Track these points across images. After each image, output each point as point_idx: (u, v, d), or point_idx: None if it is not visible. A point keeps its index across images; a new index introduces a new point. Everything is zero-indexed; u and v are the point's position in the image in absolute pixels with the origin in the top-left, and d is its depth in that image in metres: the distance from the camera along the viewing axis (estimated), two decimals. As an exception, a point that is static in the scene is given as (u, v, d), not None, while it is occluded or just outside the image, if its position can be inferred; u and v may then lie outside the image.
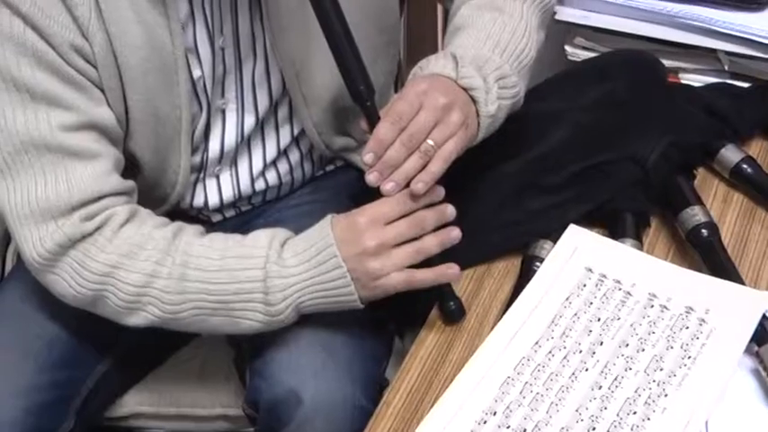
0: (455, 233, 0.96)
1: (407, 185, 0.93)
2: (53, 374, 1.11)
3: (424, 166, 0.93)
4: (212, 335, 1.20)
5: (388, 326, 1.18)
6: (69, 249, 0.98)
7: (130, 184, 1.05)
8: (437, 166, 0.93)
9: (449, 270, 0.97)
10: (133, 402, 1.23)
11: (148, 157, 1.10)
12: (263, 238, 0.99)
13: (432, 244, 0.95)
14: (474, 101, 0.98)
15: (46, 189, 0.98)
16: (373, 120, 0.97)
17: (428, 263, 0.96)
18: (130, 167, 1.09)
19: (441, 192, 0.96)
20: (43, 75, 0.97)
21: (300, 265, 0.96)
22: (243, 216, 1.27)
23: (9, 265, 1.32)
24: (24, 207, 0.98)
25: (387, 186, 0.93)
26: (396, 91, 1.34)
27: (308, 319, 1.01)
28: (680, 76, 1.32)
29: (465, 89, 0.98)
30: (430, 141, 0.93)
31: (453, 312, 0.99)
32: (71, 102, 0.99)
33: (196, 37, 1.06)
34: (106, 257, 0.97)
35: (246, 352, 1.12)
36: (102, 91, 1.02)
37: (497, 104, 1.00)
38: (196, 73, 1.07)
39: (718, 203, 1.08)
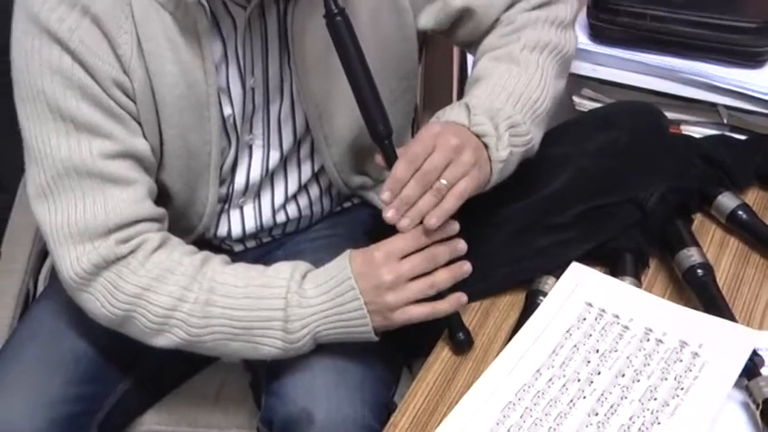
0: (466, 267, 0.98)
1: (422, 222, 0.95)
2: (79, 388, 1.13)
3: (436, 204, 0.95)
4: (231, 359, 1.22)
5: (397, 356, 1.18)
6: (104, 270, 1.00)
7: (162, 211, 1.07)
8: (450, 204, 0.95)
9: (461, 299, 0.99)
10: (152, 421, 1.24)
11: (179, 187, 1.12)
12: (285, 270, 1.01)
13: (444, 278, 0.97)
14: (486, 146, 1.00)
15: (85, 212, 1.00)
16: (390, 158, 0.98)
17: (439, 293, 0.98)
18: (162, 197, 1.11)
19: (455, 227, 0.97)
20: (87, 106, 1.00)
21: (320, 296, 0.98)
22: (263, 247, 1.28)
23: (41, 285, 1.34)
24: (64, 228, 1.00)
25: (403, 223, 0.95)
26: (412, 132, 1.36)
27: (323, 346, 1.02)
28: (681, 127, 1.33)
29: (477, 135, 1.00)
30: (443, 180, 0.95)
31: (462, 343, 1.00)
32: (111, 132, 1.01)
33: (228, 77, 1.08)
34: (138, 280, 1.00)
35: (262, 375, 1.13)
36: (140, 123, 1.05)
37: (509, 150, 1.01)
38: (227, 110, 1.10)
39: (714, 247, 1.09)
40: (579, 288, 1.01)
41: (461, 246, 0.98)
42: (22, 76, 1.00)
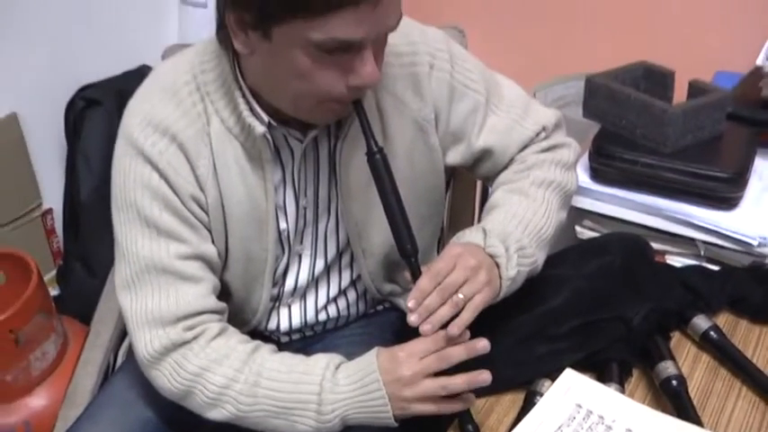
0: (485, 376, 0.96)
1: (441, 327, 0.95)
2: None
3: (453, 313, 0.96)
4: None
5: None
6: (171, 352, 1.03)
7: (223, 305, 1.09)
8: (468, 315, 0.96)
9: (469, 398, 0.98)
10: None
11: (238, 286, 1.14)
12: (322, 360, 1.02)
13: (459, 383, 0.96)
14: (497, 265, 1.02)
15: (160, 302, 1.03)
16: (416, 273, 0.99)
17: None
18: (223, 293, 1.13)
19: (466, 335, 0.97)
20: (168, 215, 1.04)
21: (349, 385, 0.98)
22: (305, 340, 1.28)
23: (120, 359, 1.36)
24: (141, 314, 1.04)
25: (424, 327, 0.95)
26: (438, 250, 1.37)
27: (351, 427, 1.01)
28: (665, 257, 1.34)
29: (491, 256, 1.02)
30: (460, 294, 0.96)
31: None
32: (186, 237, 1.05)
33: (285, 197, 1.11)
34: (199, 362, 1.02)
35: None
36: (210, 231, 1.08)
37: (517, 270, 1.03)
38: (282, 225, 1.12)
39: (689, 362, 1.09)
40: (571, 391, 1.00)
41: (481, 345, 0.96)
42: (119, 189, 1.05)
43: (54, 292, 2.10)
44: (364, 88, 0.97)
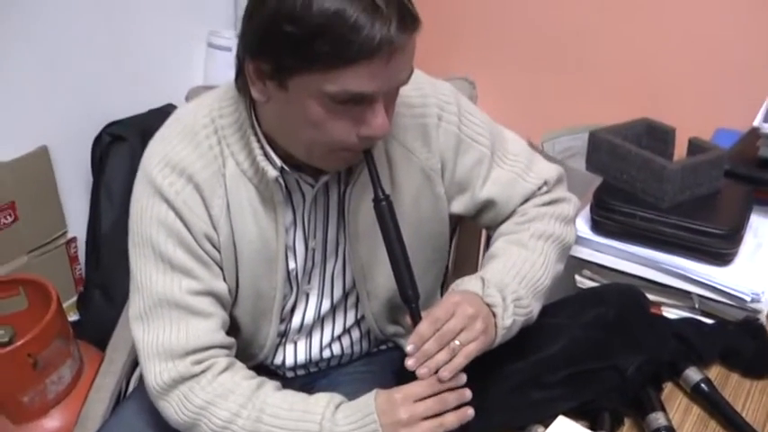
0: (470, 412, 0.98)
1: (436, 372, 0.96)
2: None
3: (450, 359, 0.96)
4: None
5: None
6: (179, 384, 1.03)
7: (231, 340, 1.09)
8: (460, 361, 0.96)
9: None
10: None
11: (247, 321, 1.14)
12: (322, 400, 1.01)
13: (452, 420, 0.97)
14: (494, 314, 1.02)
15: (171, 336, 1.03)
16: (416, 318, 1.00)
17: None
18: (232, 329, 1.13)
19: (463, 378, 0.98)
20: (182, 252, 1.04)
21: (347, 425, 0.98)
22: (309, 376, 1.28)
23: (132, 385, 1.36)
24: (152, 346, 1.04)
25: (421, 371, 0.96)
26: (441, 294, 1.37)
27: None
28: (661, 308, 1.32)
29: (488, 305, 1.02)
30: (457, 341, 0.97)
31: None
32: (198, 274, 1.05)
33: (295, 238, 1.12)
34: (205, 395, 1.02)
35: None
36: (221, 269, 1.08)
37: (512, 319, 1.03)
38: (291, 264, 1.13)
39: (680, 413, 1.08)
40: (563, 437, 1.00)
41: (468, 394, 0.98)
42: (136, 225, 1.06)
43: (74, 317, 2.11)
44: (375, 139, 0.98)
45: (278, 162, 1.04)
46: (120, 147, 2.05)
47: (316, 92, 0.91)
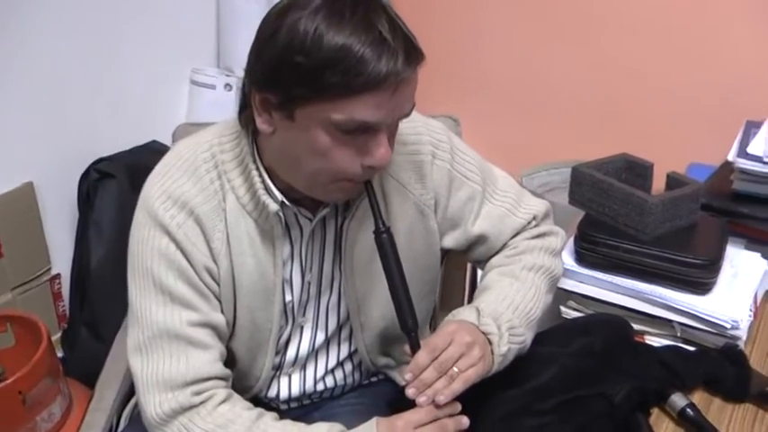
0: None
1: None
2: None
3: (448, 386, 0.97)
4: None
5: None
6: (179, 415, 1.02)
7: (229, 372, 1.09)
8: (457, 386, 0.98)
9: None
10: None
11: (243, 353, 1.15)
12: (322, 429, 1.02)
13: None
14: (490, 342, 1.04)
15: (171, 367, 1.03)
16: (415, 347, 1.01)
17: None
18: (228, 361, 1.12)
19: (457, 407, 0.99)
20: (182, 284, 1.05)
21: None
22: (303, 408, 1.28)
23: (123, 423, 1.33)
24: (152, 378, 1.03)
25: (420, 399, 0.97)
26: (430, 327, 1.39)
27: None
28: (645, 337, 1.35)
29: (484, 333, 1.04)
30: (455, 369, 0.98)
31: None
32: (198, 306, 1.05)
33: (292, 271, 1.13)
34: (205, 426, 1.01)
35: None
36: (220, 301, 1.09)
37: (507, 347, 1.05)
38: (287, 297, 1.14)
39: None
40: (555, 463, 1.01)
41: (465, 421, 1.00)
42: (136, 257, 1.06)
43: (58, 354, 2.09)
44: (377, 168, 1.00)
45: (278, 196, 1.06)
46: (108, 183, 2.06)
47: (323, 121, 0.93)
